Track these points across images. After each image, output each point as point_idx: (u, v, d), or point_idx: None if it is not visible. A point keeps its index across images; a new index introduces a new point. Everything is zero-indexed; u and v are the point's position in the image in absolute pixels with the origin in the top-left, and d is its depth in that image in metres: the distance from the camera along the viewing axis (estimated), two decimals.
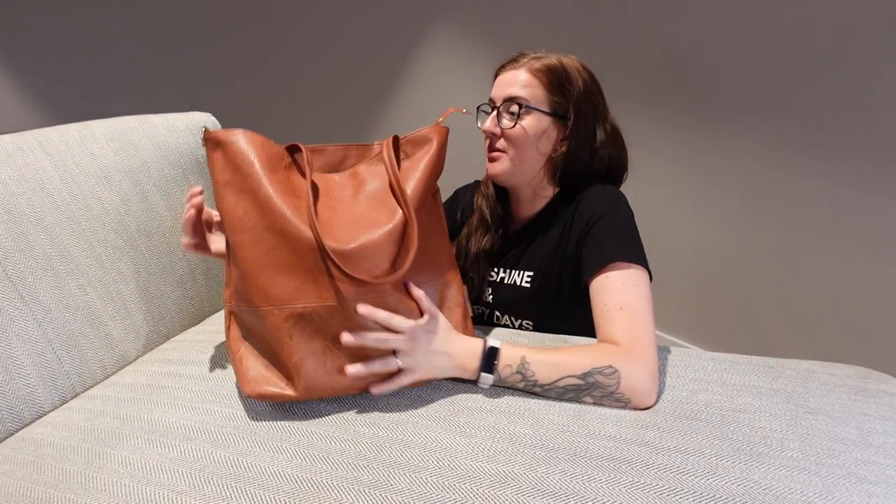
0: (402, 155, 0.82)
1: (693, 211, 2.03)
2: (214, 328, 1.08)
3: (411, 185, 0.76)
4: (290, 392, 0.74)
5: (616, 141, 1.04)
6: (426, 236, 0.77)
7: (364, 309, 0.72)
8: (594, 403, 0.79)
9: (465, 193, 1.20)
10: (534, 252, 1.04)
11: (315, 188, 0.76)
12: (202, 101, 2.93)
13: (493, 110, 1.00)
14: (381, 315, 0.74)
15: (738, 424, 0.76)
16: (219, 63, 3.05)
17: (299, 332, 0.72)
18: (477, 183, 1.18)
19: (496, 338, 0.86)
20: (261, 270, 0.72)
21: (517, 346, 0.81)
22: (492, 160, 1.02)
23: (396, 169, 0.77)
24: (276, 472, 0.67)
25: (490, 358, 0.79)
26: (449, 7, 2.53)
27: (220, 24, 2.98)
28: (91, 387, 0.93)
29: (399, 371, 0.77)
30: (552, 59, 0.99)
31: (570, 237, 0.98)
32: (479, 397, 0.80)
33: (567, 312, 1.01)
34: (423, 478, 0.65)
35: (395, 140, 0.81)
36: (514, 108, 0.98)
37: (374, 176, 0.79)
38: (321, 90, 2.93)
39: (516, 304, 1.05)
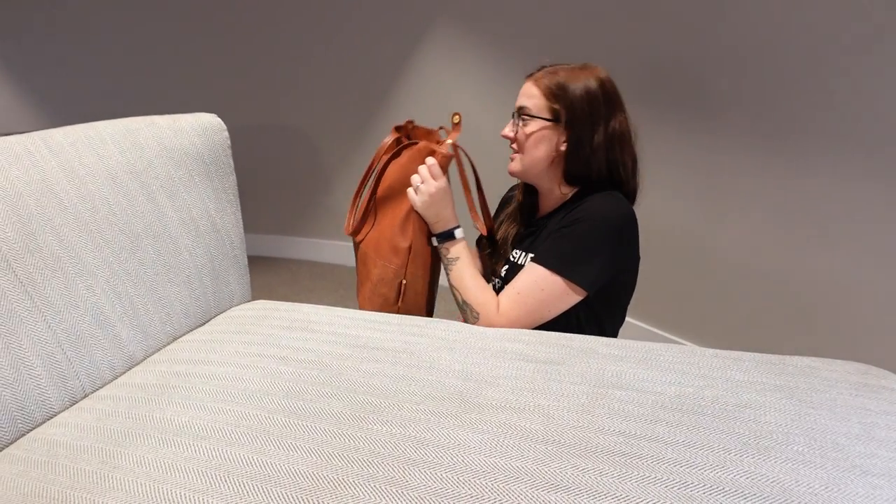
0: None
1: (691, 209, 2.05)
2: (221, 328, 1.09)
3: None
4: None
5: (618, 145, 1.12)
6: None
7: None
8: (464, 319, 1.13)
9: (513, 190, 1.41)
10: (540, 239, 1.16)
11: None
12: (206, 102, 2.93)
13: (512, 117, 1.19)
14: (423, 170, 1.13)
15: (743, 419, 0.77)
16: (222, 64, 3.04)
17: None
18: None
19: (463, 231, 1.17)
20: None
21: (466, 249, 1.15)
22: (510, 161, 1.20)
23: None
24: (293, 469, 0.67)
25: (444, 236, 1.15)
26: (451, 8, 2.54)
27: (223, 26, 2.97)
28: (100, 387, 0.94)
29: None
30: (560, 73, 1.11)
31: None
32: (489, 395, 0.81)
33: None
34: (439, 474, 0.66)
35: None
36: (525, 115, 1.14)
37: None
38: (323, 90, 2.93)
39: None
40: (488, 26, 2.45)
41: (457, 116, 1.18)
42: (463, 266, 1.13)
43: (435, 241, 1.15)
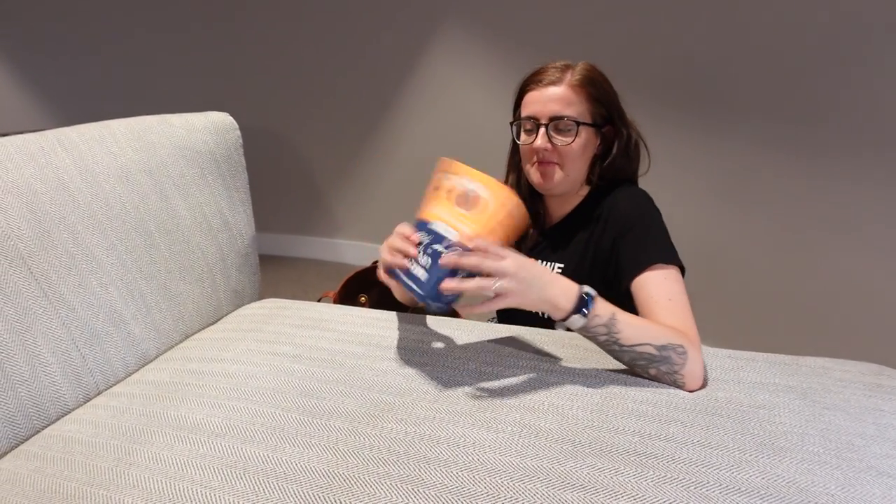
0: None
1: (703, 209, 2.04)
2: (233, 326, 1.09)
3: None
4: None
5: (639, 136, 1.11)
6: None
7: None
8: (650, 377, 0.85)
9: None
10: (566, 246, 1.11)
11: None
12: (212, 101, 2.93)
13: (537, 127, 1.04)
14: (470, 261, 0.76)
15: (758, 420, 0.77)
16: (232, 64, 3.05)
17: None
18: None
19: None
20: None
21: (605, 301, 0.84)
22: (545, 175, 1.06)
23: None
24: (308, 467, 0.68)
25: (583, 303, 0.81)
26: (457, 10, 2.54)
27: (236, 26, 2.98)
28: (114, 384, 0.94)
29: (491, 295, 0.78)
30: (583, 71, 1.05)
31: (603, 236, 1.05)
32: (503, 393, 0.81)
33: None
34: (454, 472, 0.66)
35: None
36: (567, 125, 1.03)
37: None
38: (332, 89, 2.94)
39: None
40: (496, 25, 2.44)
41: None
42: (627, 318, 0.84)
43: (578, 321, 0.81)
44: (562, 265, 1.10)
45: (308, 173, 3.17)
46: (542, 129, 1.03)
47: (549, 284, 0.80)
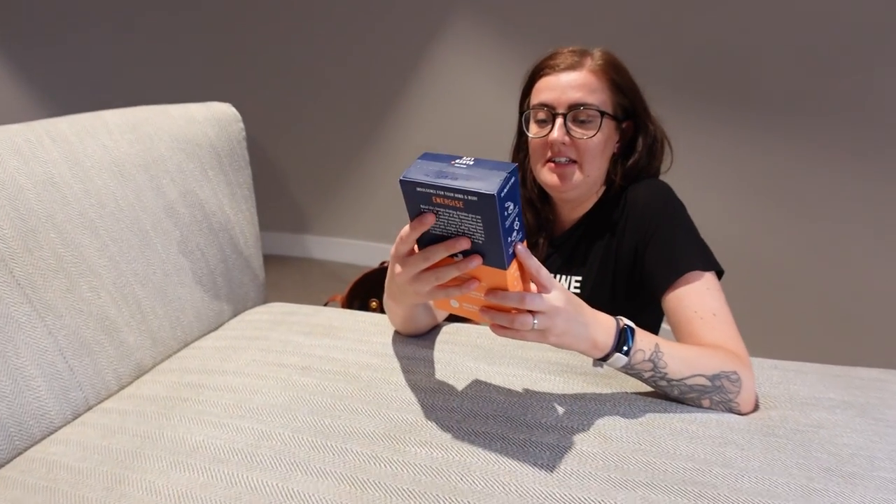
0: None
1: (736, 211, 1.96)
2: (235, 333, 1.01)
3: None
4: None
5: (663, 134, 0.99)
6: None
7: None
8: (705, 406, 0.75)
9: None
10: (583, 255, 0.99)
11: None
12: (217, 94, 2.85)
13: (553, 117, 0.91)
14: (534, 263, 0.62)
15: (819, 441, 0.69)
16: (236, 57, 2.97)
17: None
18: None
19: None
20: None
21: (646, 332, 0.73)
22: (562, 175, 0.92)
23: None
24: (323, 499, 0.60)
25: (624, 338, 0.70)
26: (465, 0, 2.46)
27: (241, 19, 2.90)
28: (105, 399, 0.86)
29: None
30: (605, 55, 0.93)
31: (625, 239, 0.93)
32: (538, 413, 0.73)
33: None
34: None
35: None
36: (589, 115, 0.89)
37: None
38: (338, 84, 2.86)
39: None
40: (508, 14, 2.36)
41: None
42: (671, 348, 0.72)
43: (620, 360, 0.70)
44: (579, 279, 0.98)
45: (311, 169, 3.09)
46: (560, 120, 0.89)
47: (592, 320, 0.67)
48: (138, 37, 3.04)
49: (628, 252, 0.92)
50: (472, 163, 0.58)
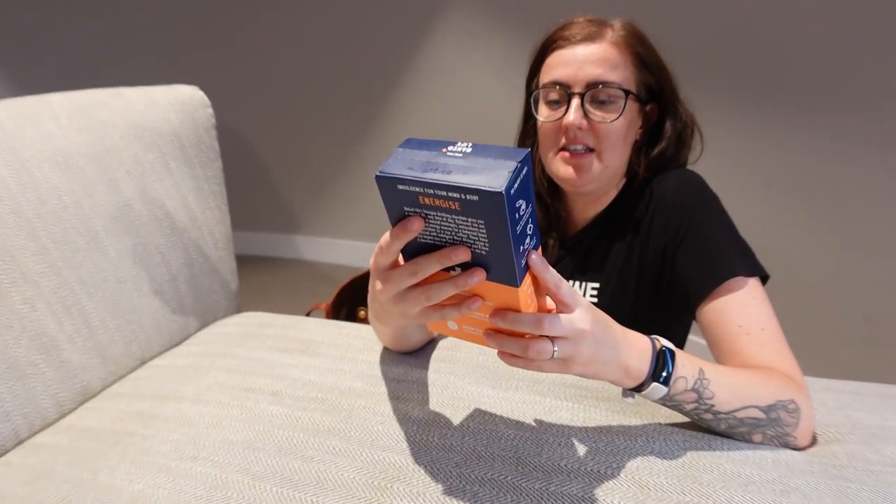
0: None
1: (760, 212, 1.83)
2: (199, 349, 0.88)
3: None
4: None
5: (692, 119, 0.86)
6: None
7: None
8: (756, 441, 0.63)
9: None
10: (600, 259, 0.85)
11: None
12: (202, 83, 2.72)
13: (568, 98, 0.77)
14: (552, 276, 0.48)
15: None
16: (221, 49, 2.83)
17: None
18: None
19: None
20: None
21: (688, 354, 0.60)
22: (578, 166, 0.79)
23: None
24: None
25: (663, 363, 0.56)
26: None
27: (222, 6, 2.76)
28: (40, 430, 0.73)
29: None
30: (627, 26, 0.80)
31: (650, 239, 0.79)
32: (555, 453, 0.60)
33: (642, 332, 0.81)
34: None
35: None
36: (610, 95, 0.77)
37: None
38: (328, 74, 2.73)
39: None
40: (505, 2, 2.24)
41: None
42: (718, 374, 0.60)
43: (659, 391, 0.57)
44: (595, 286, 0.84)
45: (301, 165, 2.96)
46: (576, 101, 0.76)
47: (623, 342, 0.54)
48: (116, 25, 2.90)
49: (654, 255, 0.79)
50: (469, 150, 0.44)
